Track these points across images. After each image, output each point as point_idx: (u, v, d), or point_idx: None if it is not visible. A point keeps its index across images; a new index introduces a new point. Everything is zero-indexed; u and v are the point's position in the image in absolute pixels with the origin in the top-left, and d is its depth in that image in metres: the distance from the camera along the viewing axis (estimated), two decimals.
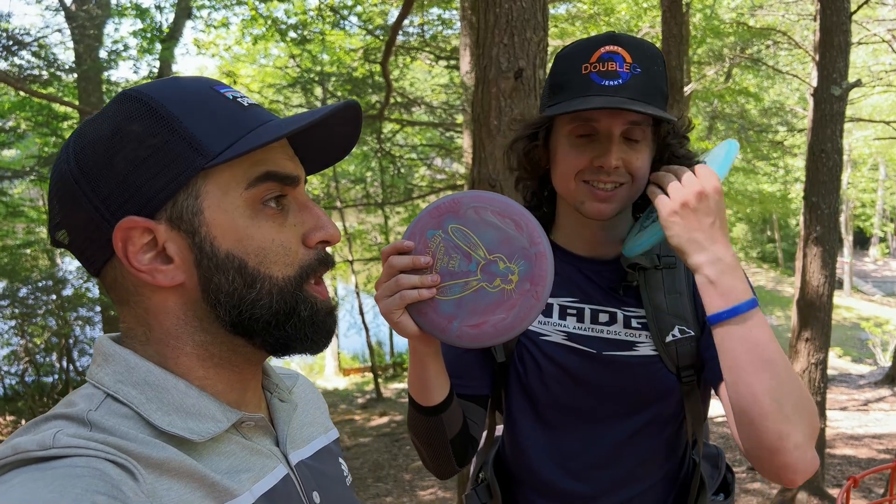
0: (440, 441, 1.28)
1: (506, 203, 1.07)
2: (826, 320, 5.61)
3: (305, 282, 0.78)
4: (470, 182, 3.41)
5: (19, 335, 10.49)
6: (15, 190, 11.62)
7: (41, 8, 9.96)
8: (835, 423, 8.57)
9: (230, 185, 0.73)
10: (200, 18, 11.05)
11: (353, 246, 14.64)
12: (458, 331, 1.07)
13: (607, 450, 1.30)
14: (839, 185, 5.51)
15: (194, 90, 0.75)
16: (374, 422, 10.92)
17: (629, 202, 1.27)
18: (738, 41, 12.10)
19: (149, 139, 0.71)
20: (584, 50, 1.22)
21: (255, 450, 0.78)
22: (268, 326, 0.76)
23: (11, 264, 9.77)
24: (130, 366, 0.72)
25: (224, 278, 0.73)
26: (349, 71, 11.38)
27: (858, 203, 28.94)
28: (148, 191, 0.71)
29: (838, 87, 5.31)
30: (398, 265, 1.06)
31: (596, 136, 1.22)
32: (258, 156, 0.75)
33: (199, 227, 0.72)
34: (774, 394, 1.02)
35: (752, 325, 1.05)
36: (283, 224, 0.77)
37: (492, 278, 1.05)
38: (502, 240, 1.06)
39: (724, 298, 1.07)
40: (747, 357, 1.04)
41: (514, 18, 3.02)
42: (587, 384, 1.29)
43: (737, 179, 18.79)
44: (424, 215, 1.08)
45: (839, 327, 18.91)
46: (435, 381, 1.22)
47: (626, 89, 1.17)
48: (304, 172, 0.82)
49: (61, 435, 0.62)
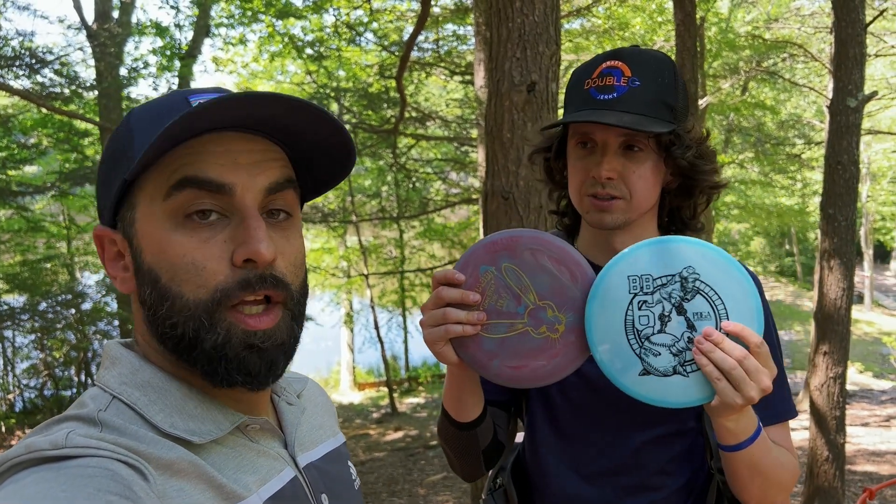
0: (473, 452, 1.33)
1: (564, 250, 1.06)
2: (844, 333, 5.54)
3: (222, 306, 0.70)
4: (483, 195, 3.43)
5: (39, 349, 10.62)
6: (36, 206, 11.81)
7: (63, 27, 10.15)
8: (856, 440, 8.43)
9: (154, 195, 0.71)
10: (219, 36, 11.24)
11: (369, 260, 14.68)
12: (497, 369, 1.08)
13: (623, 458, 1.31)
14: (856, 197, 5.46)
15: (163, 102, 0.75)
16: (389, 436, 10.89)
17: (634, 216, 1.28)
18: (753, 54, 12.07)
19: (114, 153, 0.75)
20: (590, 66, 1.28)
21: (261, 452, 0.77)
22: (178, 348, 0.72)
23: (32, 279, 9.90)
24: (135, 368, 0.73)
25: (146, 291, 0.73)
26: (364, 87, 11.47)
27: (878, 216, 28.58)
28: (106, 201, 0.75)
29: (854, 98, 5.28)
30: (447, 297, 1.06)
31: (595, 147, 1.26)
32: (182, 160, 0.71)
33: (132, 237, 0.74)
34: (762, 489, 1.20)
35: (753, 449, 1.12)
36: (210, 239, 0.71)
37: (538, 324, 1.06)
38: (555, 288, 1.05)
39: (736, 438, 1.11)
40: (745, 472, 1.16)
41: (526, 32, 3.05)
42: (605, 394, 1.29)
43: (754, 193, 18.66)
44: (479, 248, 1.08)
45: (860, 342, 18.63)
46: (471, 399, 1.25)
47: (620, 102, 1.20)
48: (260, 179, 0.73)
49: (73, 435, 0.63)
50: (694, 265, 1.04)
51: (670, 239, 1.06)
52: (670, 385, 1.04)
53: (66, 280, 10.85)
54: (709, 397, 1.03)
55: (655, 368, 1.04)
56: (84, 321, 10.25)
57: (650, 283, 1.05)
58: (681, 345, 1.03)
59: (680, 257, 1.04)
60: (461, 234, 13.81)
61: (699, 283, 1.04)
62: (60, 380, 10.87)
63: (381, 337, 13.94)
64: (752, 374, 0.99)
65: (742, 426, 1.09)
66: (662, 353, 1.04)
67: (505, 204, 3.12)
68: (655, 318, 1.04)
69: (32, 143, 10.53)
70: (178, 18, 12.86)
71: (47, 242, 11.57)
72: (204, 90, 0.75)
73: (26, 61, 8.72)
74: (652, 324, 1.04)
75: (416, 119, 11.75)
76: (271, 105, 0.71)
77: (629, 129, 1.20)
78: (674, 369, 1.04)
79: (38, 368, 10.80)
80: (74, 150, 10.45)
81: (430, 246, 14.74)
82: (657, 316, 1.04)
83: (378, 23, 10.92)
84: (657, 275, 1.05)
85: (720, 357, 1.00)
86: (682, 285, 1.04)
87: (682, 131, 1.26)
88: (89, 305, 10.41)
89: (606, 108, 1.21)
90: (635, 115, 1.19)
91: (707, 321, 1.03)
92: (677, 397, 1.04)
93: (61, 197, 10.37)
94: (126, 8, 11.30)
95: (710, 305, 1.03)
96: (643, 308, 1.05)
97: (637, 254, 1.06)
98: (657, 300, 1.04)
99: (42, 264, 10.46)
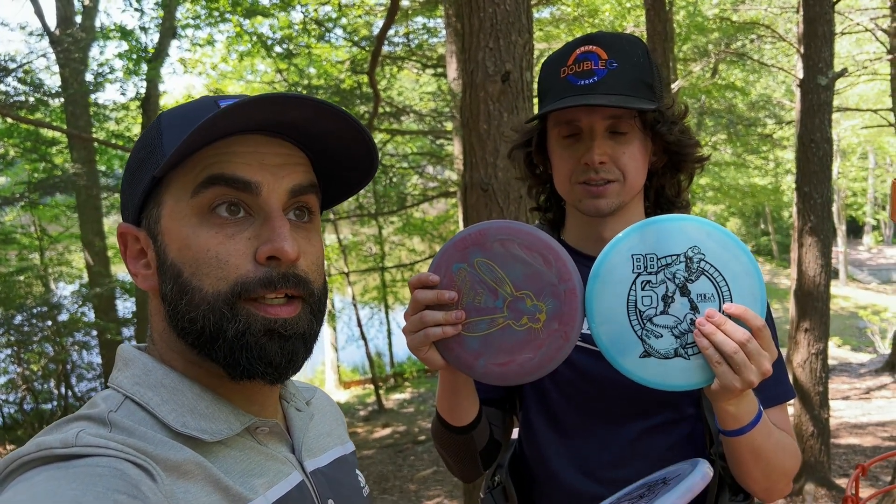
0: (470, 455, 1.31)
1: (534, 235, 1.03)
2: (824, 310, 5.61)
3: (241, 298, 0.71)
4: (462, 187, 3.40)
5: (16, 363, 10.41)
6: (6, 217, 11.56)
7: (25, 34, 9.91)
8: (838, 413, 8.56)
9: (181, 193, 0.74)
10: (185, 37, 11.06)
11: (349, 257, 14.61)
12: (484, 368, 1.05)
13: (622, 449, 1.30)
14: (830, 175, 5.53)
15: (193, 105, 0.77)
16: (378, 434, 10.87)
17: (627, 198, 1.27)
18: (722, 37, 12.15)
19: (141, 151, 0.76)
20: (562, 54, 1.26)
21: (270, 455, 0.78)
22: (199, 342, 0.73)
23: (5, 292, 9.71)
24: (148, 369, 0.74)
25: (167, 286, 0.74)
26: (336, 83, 11.37)
27: (850, 192, 29.04)
28: (132, 199, 0.77)
29: (825, 76, 5.33)
30: (423, 300, 1.04)
31: (580, 135, 1.25)
32: (210, 159, 0.73)
33: (158, 235, 0.75)
34: (765, 474, 1.18)
35: (755, 433, 1.10)
36: (235, 235, 0.72)
37: (519, 316, 1.02)
38: (530, 275, 1.02)
39: (738, 422, 1.09)
40: (747, 456, 1.15)
41: (498, 22, 3.02)
42: (600, 384, 1.28)
43: (728, 174, 18.84)
44: (450, 247, 1.05)
45: (837, 317, 18.94)
46: (465, 402, 1.23)
47: (602, 85, 1.19)
48: (286, 181, 0.75)
49: (83, 434, 0.64)
50: (700, 245, 1.01)
51: (675, 217, 1.04)
52: (671, 368, 1.01)
53: (40, 292, 10.65)
54: (709, 380, 1.01)
55: (657, 350, 1.02)
56: (61, 333, 10.08)
57: (654, 263, 1.02)
58: (683, 327, 1.01)
59: (685, 237, 1.01)
60: (440, 228, 13.79)
61: (704, 263, 1.01)
62: (40, 393, 10.68)
63: (365, 334, 13.90)
64: (753, 358, 0.98)
65: (743, 410, 1.07)
66: (664, 335, 1.01)
67: (484, 196, 3.10)
68: (658, 298, 1.01)
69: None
70: (143, 21, 12.63)
71: (19, 254, 11.34)
72: (235, 96, 0.77)
73: None
74: (655, 304, 1.02)
75: (391, 114, 11.69)
76: (299, 107, 0.72)
77: (620, 108, 1.19)
78: (675, 352, 1.01)
79: (17, 383, 10.59)
80: (42, 159, 10.25)
81: (410, 241, 14.69)
82: (660, 297, 1.01)
83: (347, 18, 10.82)
84: (662, 254, 1.02)
85: (721, 339, 0.98)
86: (686, 265, 1.01)
87: (663, 108, 1.26)
88: (66, 317, 10.24)
89: (589, 92, 1.19)
90: (621, 96, 1.19)
91: (710, 303, 1.00)
92: (677, 380, 1.02)
93: (31, 207, 10.17)
94: (89, 12, 11.07)
95: (714, 287, 1.01)
96: (646, 288, 1.02)
97: (641, 232, 1.03)
98: (661, 280, 1.02)
99: (15, 277, 10.25)
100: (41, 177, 10.35)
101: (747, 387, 0.98)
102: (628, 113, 1.22)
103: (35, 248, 11.62)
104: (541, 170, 1.39)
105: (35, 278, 10.70)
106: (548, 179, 1.39)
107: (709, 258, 1.01)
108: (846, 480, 5.13)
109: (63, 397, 10.61)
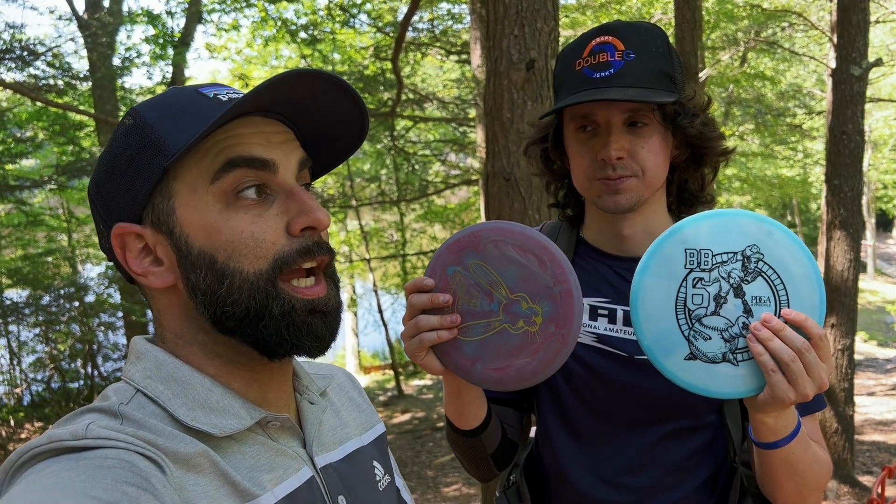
0: (481, 457, 1.29)
1: (527, 236, 1.00)
2: (852, 305, 5.52)
3: (281, 276, 0.74)
4: (484, 176, 3.38)
5: (44, 342, 10.62)
6: (35, 199, 11.75)
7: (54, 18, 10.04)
8: (863, 409, 8.44)
9: (197, 181, 0.73)
10: (211, 22, 11.10)
11: (370, 244, 14.64)
12: (481, 373, 1.03)
13: (639, 455, 1.26)
14: (862, 167, 5.41)
15: (175, 95, 0.76)
16: (397, 419, 10.93)
17: (648, 194, 1.23)
18: (752, 24, 11.92)
19: (129, 149, 0.75)
20: (577, 46, 1.22)
21: (280, 451, 0.78)
22: (242, 325, 0.74)
23: (34, 273, 9.87)
24: (159, 362, 0.74)
25: (198, 276, 0.73)
26: (360, 69, 11.35)
27: (880, 185, 28.44)
28: (129, 197, 0.75)
29: (858, 66, 5.20)
30: (418, 304, 1.02)
31: (597, 129, 1.21)
32: (221, 144, 0.73)
33: (174, 228, 0.74)
34: (798, 489, 1.13)
35: (792, 446, 1.05)
36: (263, 214, 0.74)
37: (514, 319, 1.00)
38: (524, 278, 0.99)
39: (775, 434, 1.04)
40: (781, 470, 1.09)
41: (523, 9, 2.98)
42: (617, 388, 1.25)
43: (755, 165, 18.55)
44: (444, 250, 1.03)
45: (864, 311, 18.62)
46: (471, 406, 1.20)
47: (618, 77, 1.15)
48: (293, 157, 0.78)
49: (94, 426, 0.65)
50: (759, 244, 0.95)
51: (736, 212, 0.98)
52: (717, 373, 0.96)
53: (68, 273, 10.83)
54: (758, 390, 0.95)
55: (704, 353, 0.97)
56: (88, 313, 10.25)
57: (709, 260, 0.96)
58: (734, 330, 0.96)
59: (745, 234, 0.96)
60: (462, 216, 13.75)
61: (762, 264, 0.95)
62: (67, 372, 10.89)
63: (385, 320, 13.95)
64: (810, 369, 0.92)
65: (783, 423, 1.02)
66: (713, 338, 0.96)
67: (507, 185, 3.07)
68: (710, 298, 0.96)
69: (28, 136, 10.45)
70: (170, 6, 12.73)
71: (48, 236, 11.52)
72: (207, 84, 0.78)
73: (18, 54, 8.63)
74: (706, 304, 0.96)
75: (414, 101, 11.64)
76: (310, 84, 0.74)
77: (636, 102, 1.14)
78: (723, 356, 0.96)
79: (44, 362, 10.81)
80: (71, 142, 10.37)
81: (432, 228, 14.68)
82: (712, 296, 0.96)
83: (371, 3, 10.79)
84: (717, 251, 0.96)
85: (778, 346, 0.92)
86: (743, 265, 0.96)
87: (685, 100, 1.21)
88: (92, 298, 10.40)
89: (605, 85, 1.15)
90: (638, 89, 1.14)
91: (766, 307, 0.95)
92: (723, 387, 0.97)
93: (59, 190, 10.30)
94: None
95: (771, 290, 0.95)
96: (698, 286, 0.97)
97: (697, 225, 0.98)
98: (714, 279, 0.96)
99: (43, 258, 10.42)
100: (69, 160, 10.47)
101: (801, 399, 0.93)
102: (647, 106, 1.17)
103: (63, 230, 11.79)
104: (558, 165, 1.36)
105: (63, 259, 10.87)
106: (565, 175, 1.35)
107: (767, 259, 0.95)
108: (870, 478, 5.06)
109: (89, 377, 10.81)
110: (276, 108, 0.76)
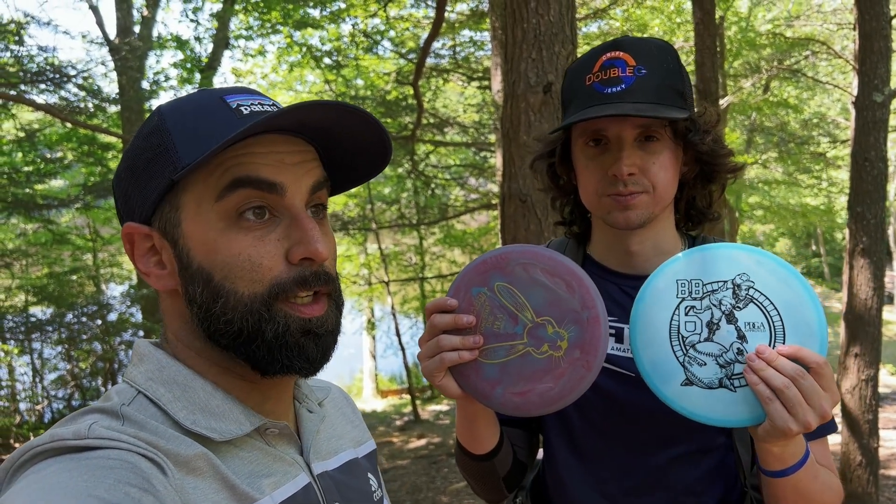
0: (493, 480, 1.27)
1: (556, 260, 0.99)
2: (876, 334, 5.40)
3: (277, 300, 0.73)
4: (501, 198, 3.39)
5: (66, 360, 10.74)
6: (63, 218, 11.96)
7: (85, 42, 10.32)
8: (889, 443, 8.21)
9: (203, 197, 0.73)
10: (238, 48, 11.35)
11: (389, 267, 14.68)
12: (501, 398, 1.01)
13: (647, 476, 1.23)
14: (885, 194, 5.34)
15: (198, 100, 0.76)
16: (413, 444, 10.85)
17: (657, 210, 1.21)
18: (775, 52, 11.91)
19: (147, 152, 0.75)
20: (587, 61, 1.21)
21: (277, 457, 0.78)
22: (235, 343, 0.73)
23: (59, 291, 10.02)
24: (162, 365, 0.75)
25: (195, 290, 0.73)
26: (382, 94, 11.50)
27: None
28: (142, 198, 0.75)
29: (880, 93, 5.16)
30: (440, 324, 1.00)
31: (608, 145, 1.19)
32: (231, 162, 0.72)
33: (178, 238, 0.74)
34: None
35: (800, 474, 1.03)
36: (264, 238, 0.73)
37: (539, 343, 0.98)
38: (552, 302, 0.98)
39: (782, 463, 1.03)
40: (790, 498, 1.06)
41: (542, 33, 3.01)
42: (625, 409, 1.22)
43: (779, 193, 18.38)
44: (470, 270, 1.02)
45: (890, 343, 18.22)
46: (485, 431, 1.18)
47: (630, 94, 1.14)
48: (306, 179, 0.76)
49: (96, 426, 0.65)
50: (749, 273, 0.98)
51: (726, 245, 1.02)
52: (715, 399, 0.98)
53: (91, 292, 10.98)
54: (758, 419, 0.95)
55: (699, 379, 0.98)
56: (110, 332, 10.35)
57: (699, 288, 1.00)
58: (729, 356, 0.97)
59: (734, 263, 0.99)
60: (481, 240, 13.76)
61: (753, 291, 0.98)
62: (88, 390, 10.98)
63: (403, 344, 13.92)
64: (808, 396, 0.91)
65: (790, 451, 1.00)
66: (708, 363, 0.98)
67: (523, 207, 3.08)
68: (703, 324, 0.99)
69: (58, 157, 10.68)
70: (198, 31, 13.02)
71: (73, 255, 11.71)
72: (236, 90, 0.77)
73: (50, 76, 8.86)
74: (699, 331, 0.99)
75: (434, 125, 11.75)
76: (327, 112, 0.73)
77: (649, 118, 1.13)
78: (720, 381, 0.98)
79: (66, 379, 10.92)
80: (98, 163, 10.58)
81: (451, 252, 14.70)
82: (704, 323, 0.99)
83: (395, 30, 10.96)
84: (707, 280, 1.00)
85: (771, 374, 0.92)
86: (734, 293, 0.99)
87: (695, 116, 1.21)
88: (115, 316, 10.51)
89: (617, 100, 1.14)
90: (651, 104, 1.13)
91: (760, 332, 0.97)
92: (722, 414, 0.98)
93: (86, 210, 10.49)
94: (147, 22, 11.44)
95: (764, 316, 0.97)
96: (690, 314, 0.99)
97: (689, 258, 1.02)
98: (706, 306, 0.99)
99: (68, 276, 10.59)
100: (96, 180, 10.67)
101: (803, 429, 0.91)
102: (659, 122, 1.16)
103: (88, 250, 11.99)
104: (564, 180, 1.34)
105: (87, 278, 11.04)
106: (572, 191, 1.34)
107: (758, 286, 0.98)
108: None
109: None
110: (295, 129, 0.76)
